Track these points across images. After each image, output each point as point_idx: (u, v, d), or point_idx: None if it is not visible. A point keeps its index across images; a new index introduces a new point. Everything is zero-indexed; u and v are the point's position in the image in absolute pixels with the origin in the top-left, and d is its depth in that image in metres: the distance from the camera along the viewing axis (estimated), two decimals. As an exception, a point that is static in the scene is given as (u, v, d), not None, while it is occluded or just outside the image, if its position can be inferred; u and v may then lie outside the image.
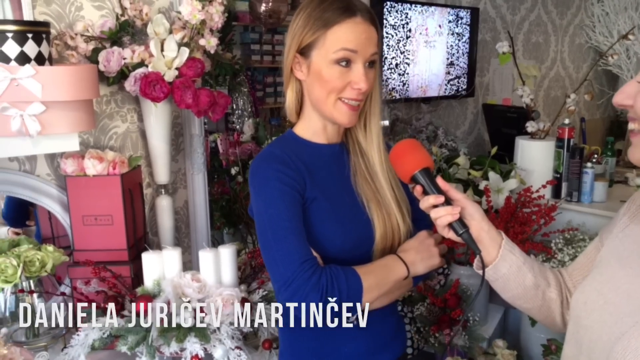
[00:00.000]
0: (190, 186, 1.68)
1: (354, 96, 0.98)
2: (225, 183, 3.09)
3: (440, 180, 0.91)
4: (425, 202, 0.90)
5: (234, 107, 3.40)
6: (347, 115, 1.00)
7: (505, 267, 0.91)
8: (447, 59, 2.74)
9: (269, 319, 1.31)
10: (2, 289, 1.29)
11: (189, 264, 1.68)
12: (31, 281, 1.28)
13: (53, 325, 1.38)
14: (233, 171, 3.09)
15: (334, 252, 1.00)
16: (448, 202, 0.90)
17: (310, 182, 1.00)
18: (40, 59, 1.15)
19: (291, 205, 0.96)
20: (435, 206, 0.89)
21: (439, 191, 0.90)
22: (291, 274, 0.93)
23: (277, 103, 5.36)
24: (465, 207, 0.91)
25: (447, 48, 2.73)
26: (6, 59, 1.10)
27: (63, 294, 1.27)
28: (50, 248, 1.30)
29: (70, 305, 1.36)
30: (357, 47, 0.96)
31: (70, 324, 1.36)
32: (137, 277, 1.37)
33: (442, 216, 0.89)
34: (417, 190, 0.92)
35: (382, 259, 1.03)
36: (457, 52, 2.77)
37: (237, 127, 4.23)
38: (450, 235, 0.91)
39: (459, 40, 2.77)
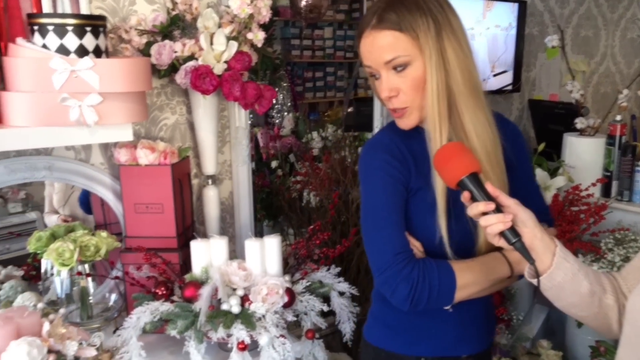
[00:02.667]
0: (235, 177, 1.71)
1: (388, 105, 1.02)
2: (265, 176, 3.13)
3: (489, 186, 0.87)
4: (474, 209, 0.86)
5: (274, 101, 3.42)
6: (398, 121, 1.04)
7: (560, 275, 0.87)
8: (493, 53, 2.69)
9: (312, 310, 1.33)
10: (60, 272, 1.35)
11: (233, 253, 1.72)
12: (86, 265, 1.34)
13: (104, 308, 1.45)
14: (273, 164, 3.13)
15: (434, 244, 1.00)
16: (498, 209, 0.86)
17: (416, 172, 1.00)
18: (97, 52, 1.19)
19: (392, 196, 0.99)
20: (484, 213, 0.86)
21: (489, 197, 0.86)
22: (384, 264, 0.98)
23: (316, 98, 5.38)
24: (517, 214, 0.87)
25: (493, 42, 2.68)
26: (66, 52, 1.15)
27: (117, 277, 1.32)
28: (104, 234, 1.35)
29: (122, 289, 1.42)
30: (369, 62, 1.00)
31: (122, 308, 1.42)
32: (185, 264, 1.40)
33: (493, 224, 0.85)
34: (465, 196, 0.88)
35: (484, 255, 1.02)
36: (503, 46, 2.71)
37: (277, 121, 4.27)
38: (501, 243, 0.87)
39: (506, 34, 2.71)
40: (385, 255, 0.98)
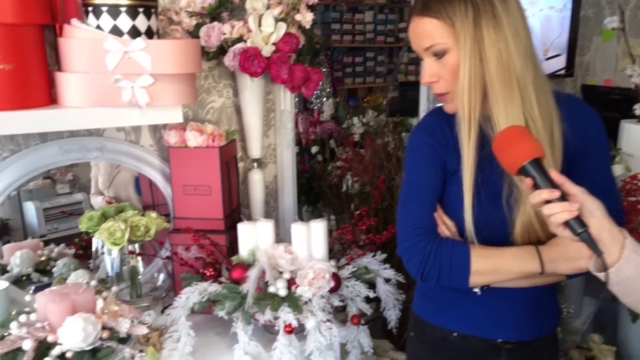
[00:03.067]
0: (280, 161, 1.70)
1: (432, 90, 1.05)
2: (305, 161, 3.12)
3: (554, 173, 0.83)
4: (537, 197, 0.83)
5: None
6: (443, 105, 1.05)
7: (629, 269, 0.83)
8: (546, 36, 2.59)
9: (357, 295, 1.32)
10: (111, 251, 1.38)
11: (277, 237, 1.71)
12: (136, 245, 1.36)
13: (152, 287, 1.48)
14: (313, 150, 3.11)
15: (463, 227, 1.01)
16: (563, 197, 0.82)
17: (456, 154, 1.00)
18: (149, 33, 1.19)
19: (425, 177, 1.04)
20: (548, 201, 0.82)
21: (553, 185, 0.82)
22: (402, 235, 1.05)
23: (355, 83, 5.33)
24: (584, 202, 0.82)
25: (547, 24, 2.57)
26: (119, 33, 1.16)
27: (169, 257, 1.33)
28: (154, 215, 1.37)
29: (169, 269, 1.44)
30: (413, 47, 1.02)
31: (170, 287, 1.44)
32: (232, 246, 1.41)
33: (558, 213, 0.81)
34: (527, 183, 0.85)
35: (515, 247, 1.00)
36: (557, 28, 2.60)
37: (316, 107, 4.25)
38: (565, 234, 0.83)
39: (560, 15, 2.59)
40: (406, 228, 1.05)
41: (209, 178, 1.37)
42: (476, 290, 1.05)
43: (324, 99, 4.24)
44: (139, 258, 1.38)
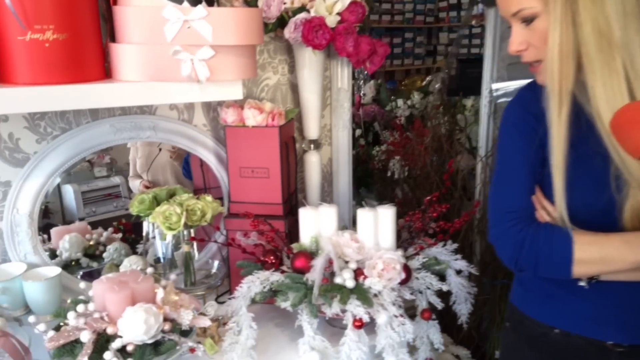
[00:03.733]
0: (335, 143, 1.60)
1: (521, 59, 0.94)
2: (348, 145, 2.99)
3: None
4: None
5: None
6: (536, 76, 0.95)
7: None
8: None
9: (428, 287, 1.22)
10: (165, 236, 1.31)
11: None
12: (192, 230, 1.28)
13: (206, 274, 1.40)
14: (356, 133, 3.00)
15: (561, 207, 0.90)
16: None
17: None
18: (209, 1, 1.10)
19: (519, 154, 0.95)
20: None
21: None
22: (494, 220, 0.97)
23: (393, 66, 5.16)
24: None
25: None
26: (178, 0, 1.06)
27: (230, 244, 1.24)
28: (209, 198, 1.29)
29: (224, 254, 1.36)
30: (501, 13, 0.94)
31: (225, 275, 1.36)
32: (290, 233, 1.32)
33: None
34: None
35: (627, 233, 0.88)
36: None
37: (355, 89, 4.10)
38: None
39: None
40: (498, 212, 0.97)
41: (267, 160, 1.28)
42: (582, 283, 0.92)
43: (361, 81, 4.11)
44: (195, 244, 1.30)
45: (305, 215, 1.23)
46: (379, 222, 1.22)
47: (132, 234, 1.52)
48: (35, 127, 1.20)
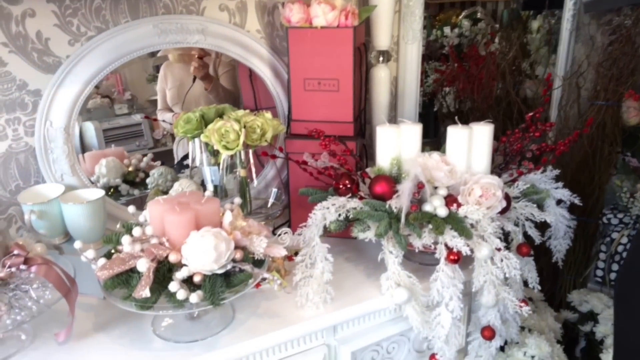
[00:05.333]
0: (403, 58, 1.39)
1: None
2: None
3: None
4: None
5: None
6: None
7: None
8: None
9: (528, 219, 1.04)
10: (217, 163, 1.14)
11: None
12: (250, 151, 1.11)
13: (262, 204, 1.24)
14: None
15: None
16: None
17: None
18: None
19: None
20: None
21: None
22: None
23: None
24: None
25: None
26: None
27: (304, 161, 1.04)
28: (268, 115, 1.10)
29: (284, 177, 1.19)
30: None
31: (285, 205, 1.20)
32: (360, 156, 1.14)
33: None
34: None
35: None
36: None
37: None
38: None
39: None
40: None
41: (337, 69, 1.08)
42: None
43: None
44: (253, 168, 1.13)
45: (385, 134, 1.04)
46: (472, 142, 1.03)
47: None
48: (66, 25, 1.01)
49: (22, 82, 1.01)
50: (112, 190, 1.28)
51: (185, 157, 1.41)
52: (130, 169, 1.33)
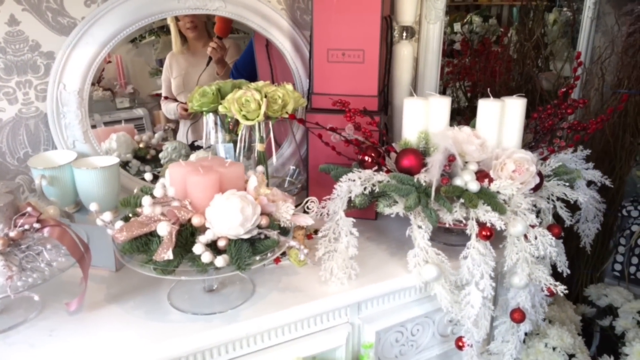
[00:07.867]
0: (424, 37, 1.35)
1: None
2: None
3: None
4: None
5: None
6: None
7: None
8: None
9: (559, 198, 1.00)
10: (232, 140, 1.09)
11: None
12: (270, 123, 1.07)
13: (280, 181, 1.20)
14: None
15: None
16: None
17: None
18: None
19: None
20: None
21: None
22: None
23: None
24: None
25: None
26: None
27: (334, 129, 0.99)
28: (289, 87, 1.06)
29: (302, 153, 1.15)
30: None
31: (303, 182, 1.16)
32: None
33: None
34: None
35: None
36: None
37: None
38: None
39: None
40: None
41: (363, 39, 1.04)
42: None
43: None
44: (273, 142, 1.08)
45: (412, 106, 1.00)
46: (504, 116, 0.99)
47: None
48: (83, -16, 0.97)
49: (35, 43, 0.96)
50: (123, 165, 1.23)
51: (195, 142, 1.37)
52: (142, 145, 1.28)
